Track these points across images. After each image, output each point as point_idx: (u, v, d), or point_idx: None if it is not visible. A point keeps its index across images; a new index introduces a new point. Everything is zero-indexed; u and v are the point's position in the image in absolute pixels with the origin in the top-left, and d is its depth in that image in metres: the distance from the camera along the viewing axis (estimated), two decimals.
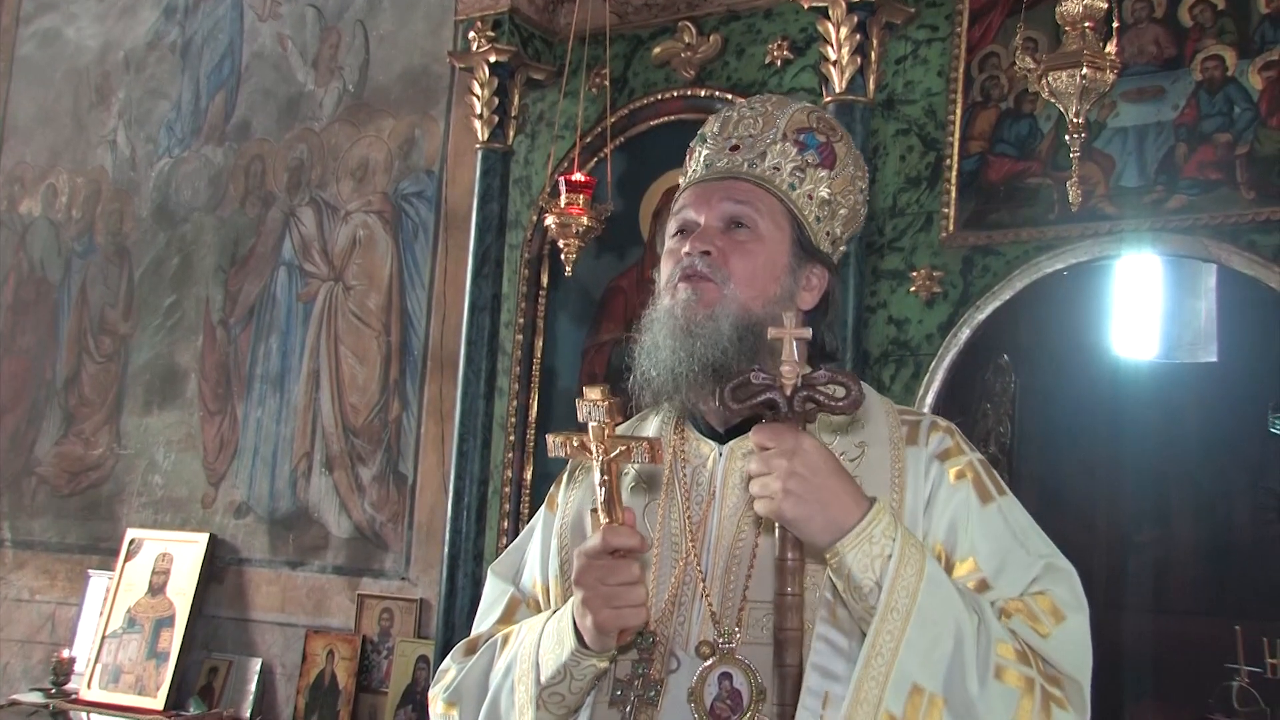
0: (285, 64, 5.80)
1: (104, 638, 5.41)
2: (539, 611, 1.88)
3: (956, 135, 4.00)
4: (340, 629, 5.05)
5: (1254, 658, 4.57)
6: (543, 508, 1.99)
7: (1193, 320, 5.59)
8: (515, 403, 4.77)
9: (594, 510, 1.67)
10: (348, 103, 5.56)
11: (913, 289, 4.00)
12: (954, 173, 3.98)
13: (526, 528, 2.02)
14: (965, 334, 3.90)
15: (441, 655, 4.38)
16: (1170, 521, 5.77)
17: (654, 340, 1.78)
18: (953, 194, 3.97)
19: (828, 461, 1.58)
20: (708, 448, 1.82)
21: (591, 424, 1.63)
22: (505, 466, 4.74)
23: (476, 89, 4.68)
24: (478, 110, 4.68)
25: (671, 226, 1.85)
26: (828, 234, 1.87)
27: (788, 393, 1.58)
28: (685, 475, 1.82)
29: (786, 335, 1.60)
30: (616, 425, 1.64)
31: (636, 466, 1.68)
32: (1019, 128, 3.92)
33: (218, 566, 5.43)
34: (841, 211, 1.89)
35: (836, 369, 1.65)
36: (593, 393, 1.62)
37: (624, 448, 1.62)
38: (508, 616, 1.91)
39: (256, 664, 5.20)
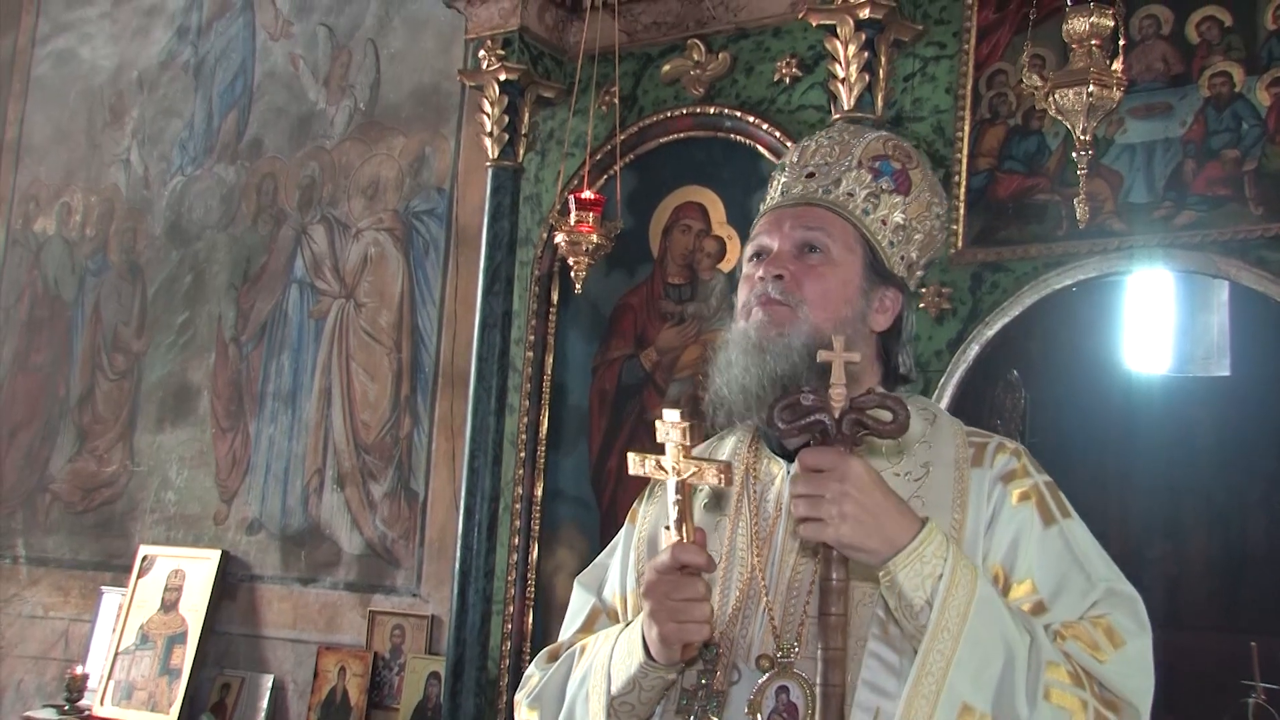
0: (297, 83, 5.84)
1: (117, 654, 5.43)
2: (618, 622, 1.93)
3: (965, 152, 4.00)
4: (352, 645, 5.06)
5: (1270, 674, 4.55)
6: (626, 522, 2.04)
7: (1205, 335, 5.58)
8: (526, 419, 4.78)
9: (667, 527, 1.72)
10: (359, 121, 5.59)
11: (922, 305, 3.99)
12: (962, 189, 3.99)
13: (613, 540, 2.07)
14: (975, 350, 3.89)
15: (453, 671, 4.39)
16: (1183, 536, 5.75)
17: (727, 359, 1.82)
18: (961, 210, 3.97)
19: (878, 482, 1.60)
20: (777, 467, 1.86)
21: (668, 445, 1.68)
22: (516, 483, 4.74)
23: (487, 107, 4.70)
24: (488, 128, 4.69)
25: (748, 252, 1.90)
26: (902, 258, 1.90)
27: (836, 415, 1.59)
28: (755, 493, 1.86)
29: (835, 358, 1.62)
30: (693, 446, 1.69)
31: (710, 485, 1.72)
32: (1027, 144, 3.92)
33: (230, 583, 5.45)
34: (917, 236, 1.91)
35: (885, 393, 1.66)
36: (671, 415, 1.68)
37: (697, 469, 1.68)
38: (588, 626, 1.97)
39: (268, 680, 5.22)
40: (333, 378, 5.40)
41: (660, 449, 1.71)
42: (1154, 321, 5.52)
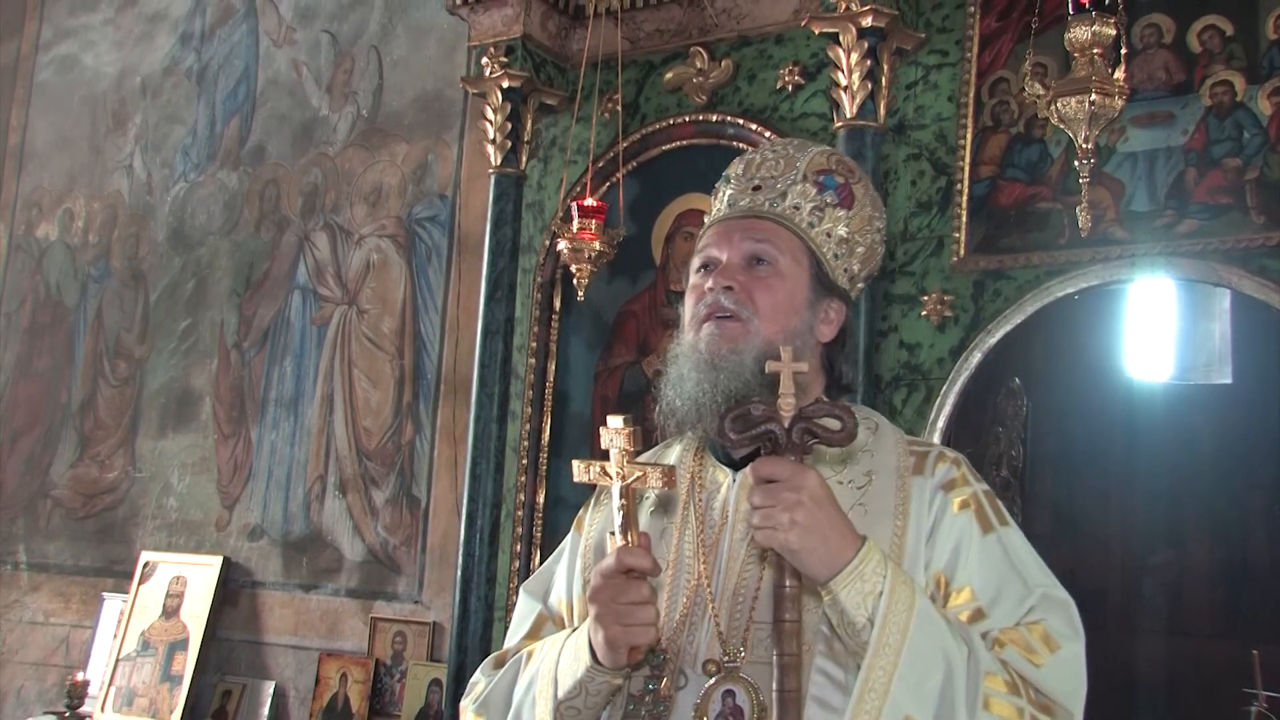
0: (300, 89, 5.85)
1: (118, 660, 5.43)
2: (564, 628, 1.96)
3: (967, 160, 4.01)
4: (353, 652, 5.06)
5: (1272, 682, 4.53)
6: (572, 529, 2.07)
7: (1207, 342, 5.57)
8: (528, 426, 4.78)
9: (612, 533, 1.75)
10: (361, 128, 5.60)
11: (924, 313, 4.00)
12: (965, 197, 3.99)
13: (559, 548, 2.10)
14: (977, 358, 3.90)
15: (455, 678, 4.39)
16: (1185, 544, 5.74)
17: (679, 373, 1.85)
18: (963, 218, 3.98)
19: (831, 498, 1.64)
20: (723, 475, 1.90)
21: (612, 451, 1.72)
22: (518, 490, 4.74)
23: (489, 114, 4.71)
24: (491, 135, 4.70)
25: (695, 263, 1.93)
26: (845, 270, 1.94)
27: (786, 424, 1.63)
28: (701, 500, 1.89)
29: (784, 368, 1.65)
30: (636, 453, 1.73)
31: (655, 492, 1.77)
32: (1029, 152, 3.93)
33: (231, 589, 5.45)
34: (859, 249, 1.95)
35: (833, 402, 1.72)
36: (615, 421, 1.72)
37: (640, 473, 1.71)
38: (534, 632, 1.99)
39: (270, 687, 5.21)
40: (335, 384, 5.41)
41: (605, 455, 1.74)
42: (1156, 329, 5.51)
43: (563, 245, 4.24)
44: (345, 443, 5.32)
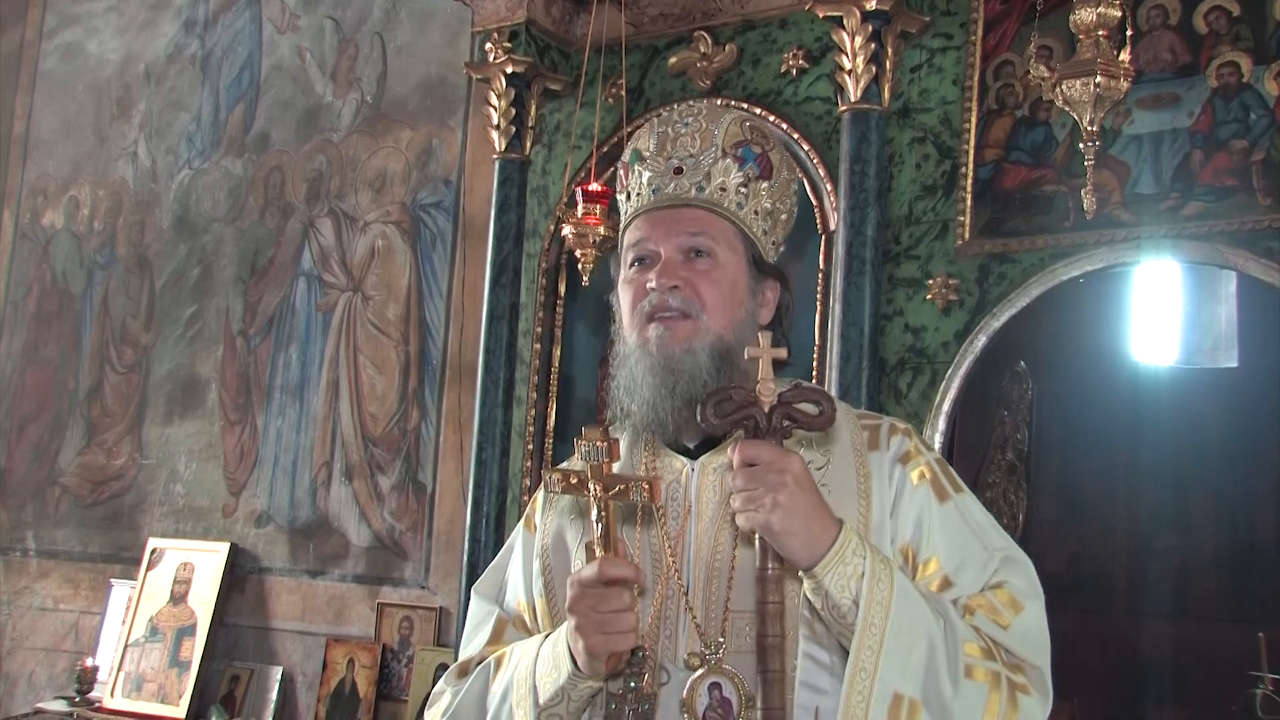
0: (304, 76, 5.84)
1: (126, 646, 5.45)
2: (525, 629, 1.94)
3: (972, 143, 3.99)
4: (360, 637, 5.07)
5: (1278, 665, 4.54)
6: (519, 528, 2.03)
7: (1213, 325, 5.56)
8: (533, 411, 4.79)
9: (589, 544, 1.72)
10: (366, 114, 5.60)
11: (929, 297, 3.99)
12: (969, 180, 3.98)
13: (505, 547, 2.07)
14: (982, 341, 3.89)
15: None
16: (1191, 527, 5.75)
17: (631, 376, 1.83)
18: (968, 202, 3.97)
19: (811, 480, 1.65)
20: (680, 463, 1.87)
21: (590, 464, 1.70)
22: (524, 475, 4.75)
23: (493, 100, 4.70)
24: (495, 121, 4.70)
25: (629, 256, 1.89)
26: (774, 244, 1.94)
27: (766, 410, 1.64)
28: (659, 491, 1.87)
29: (763, 355, 1.68)
30: (613, 464, 1.71)
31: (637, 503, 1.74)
32: (1034, 135, 3.91)
33: (239, 575, 5.47)
34: (782, 217, 1.95)
35: (810, 387, 1.72)
36: (592, 433, 1.70)
37: (622, 486, 1.69)
38: (496, 637, 1.95)
39: (277, 672, 5.23)
40: (340, 370, 5.41)
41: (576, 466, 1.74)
42: (1161, 313, 5.51)
43: (567, 230, 4.24)
44: (351, 429, 5.33)
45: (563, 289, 4.87)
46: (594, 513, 1.71)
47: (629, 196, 1.95)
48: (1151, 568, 5.77)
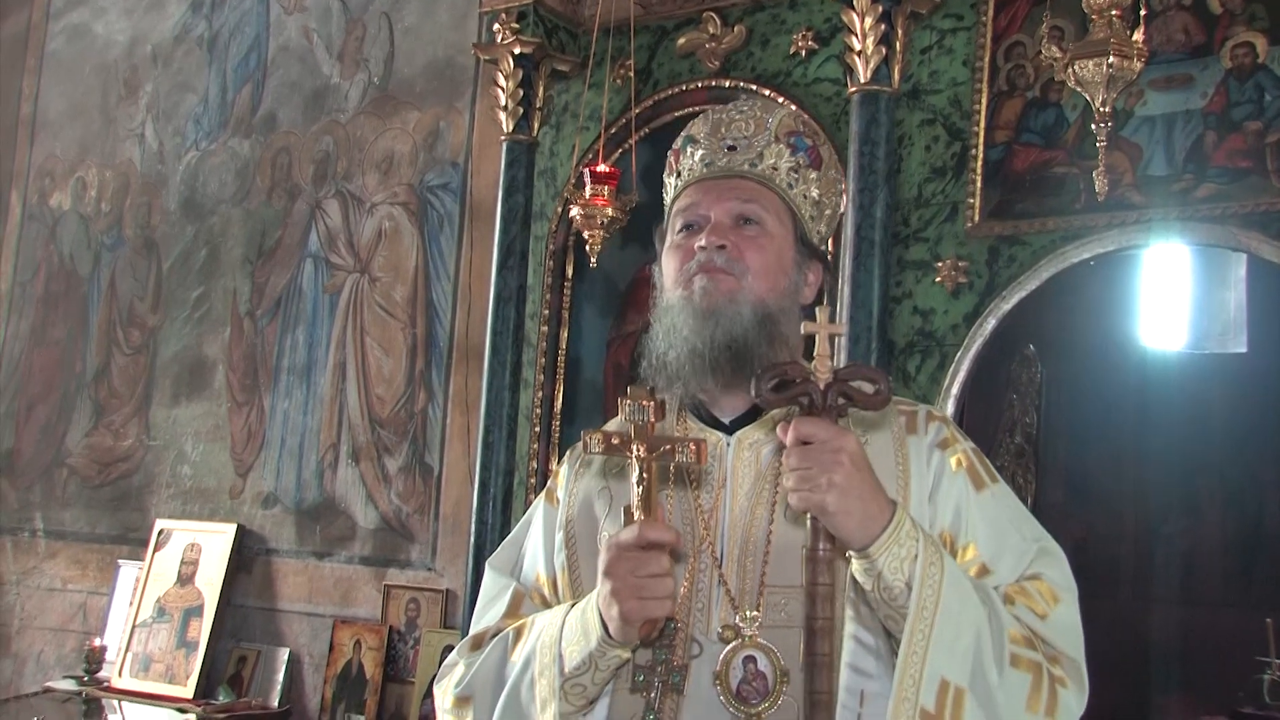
0: (311, 57, 5.82)
1: (134, 627, 5.47)
2: (543, 603, 1.91)
3: (982, 125, 3.97)
4: (367, 619, 5.08)
5: None
6: (539, 501, 2.01)
7: (1222, 311, 5.54)
8: (540, 394, 4.78)
9: (627, 507, 1.70)
10: (373, 95, 5.58)
11: (938, 279, 3.98)
12: (979, 162, 3.96)
13: (522, 521, 2.05)
14: (991, 324, 3.87)
15: None
16: (1199, 513, 5.73)
17: (672, 323, 1.82)
18: (978, 184, 3.94)
19: (866, 460, 1.63)
20: (715, 437, 1.85)
21: (635, 423, 1.67)
22: (530, 457, 4.74)
23: (501, 81, 4.68)
24: (502, 102, 4.68)
25: (677, 223, 1.90)
26: (818, 233, 1.93)
27: (822, 388, 1.61)
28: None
29: (821, 330, 1.64)
30: (658, 424, 1.68)
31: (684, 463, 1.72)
32: (1045, 116, 3.89)
33: (246, 557, 5.48)
34: (827, 212, 1.95)
35: (866, 365, 1.69)
36: (638, 393, 1.68)
37: (668, 446, 1.67)
38: (513, 610, 1.93)
39: (284, 653, 5.25)
40: (347, 352, 5.41)
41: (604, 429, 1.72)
42: (1170, 297, 5.49)
43: (575, 212, 4.22)
44: (358, 411, 5.33)
45: (570, 271, 4.85)
46: (635, 474, 1.67)
47: (679, 175, 1.95)
48: (1159, 552, 5.76)
